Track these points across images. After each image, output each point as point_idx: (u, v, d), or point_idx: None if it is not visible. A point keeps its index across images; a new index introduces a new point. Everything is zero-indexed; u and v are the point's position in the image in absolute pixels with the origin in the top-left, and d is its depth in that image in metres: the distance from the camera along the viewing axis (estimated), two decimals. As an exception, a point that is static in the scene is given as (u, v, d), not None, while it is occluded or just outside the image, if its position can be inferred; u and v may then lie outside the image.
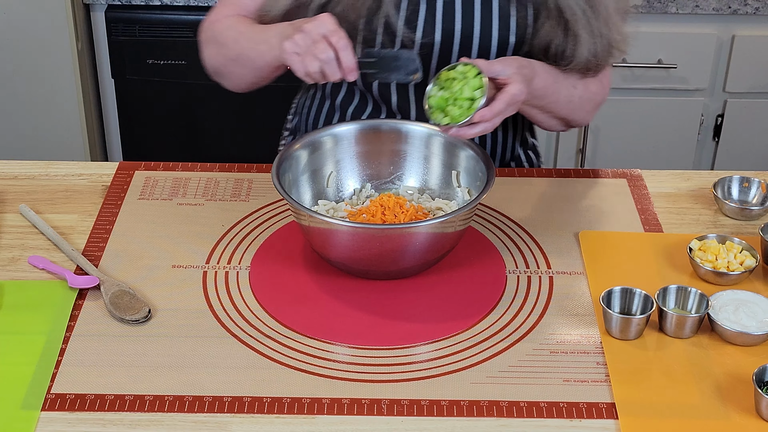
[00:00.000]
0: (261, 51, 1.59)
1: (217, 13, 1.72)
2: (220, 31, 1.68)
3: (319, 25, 1.46)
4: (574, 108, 1.69)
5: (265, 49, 1.58)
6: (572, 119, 1.72)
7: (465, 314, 1.42)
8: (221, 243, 1.56)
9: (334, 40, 1.45)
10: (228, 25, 1.67)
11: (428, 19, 1.64)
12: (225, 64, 1.68)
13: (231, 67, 1.68)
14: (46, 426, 1.24)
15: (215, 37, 1.69)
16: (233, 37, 1.65)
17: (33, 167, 1.74)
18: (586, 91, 1.69)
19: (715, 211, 1.65)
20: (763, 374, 1.27)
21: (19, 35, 2.63)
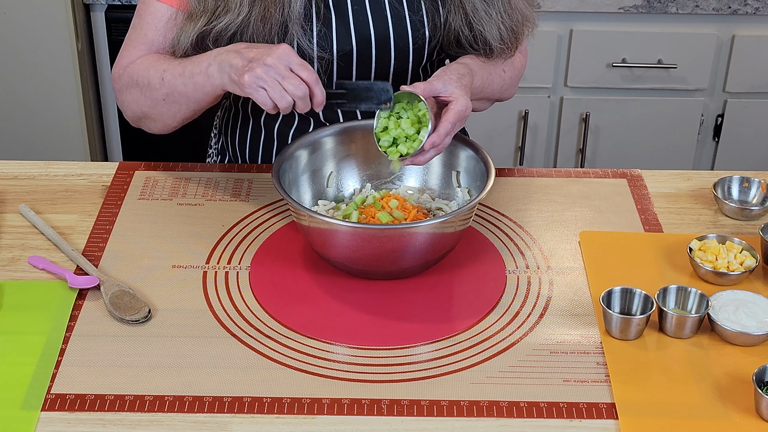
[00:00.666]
0: (198, 83, 1.53)
1: (127, 57, 1.65)
2: (139, 72, 1.60)
3: (284, 57, 1.43)
4: (506, 88, 1.74)
5: (201, 80, 1.52)
6: (502, 98, 1.77)
7: (465, 314, 1.42)
8: (221, 243, 1.56)
9: (304, 75, 1.43)
10: (146, 65, 1.60)
11: (341, 30, 1.63)
12: (153, 105, 1.60)
13: (161, 108, 1.60)
14: (46, 426, 1.24)
15: (135, 80, 1.61)
16: (158, 76, 1.57)
17: (33, 167, 1.74)
18: (514, 70, 1.73)
19: (715, 211, 1.65)
20: (763, 374, 1.27)
21: (19, 35, 2.63)
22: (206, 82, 1.51)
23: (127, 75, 1.63)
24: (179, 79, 1.55)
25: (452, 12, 1.64)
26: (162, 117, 1.62)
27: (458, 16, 1.64)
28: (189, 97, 1.56)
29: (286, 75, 1.43)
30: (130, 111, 1.66)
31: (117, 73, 1.66)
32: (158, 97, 1.59)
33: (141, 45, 1.64)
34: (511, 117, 2.72)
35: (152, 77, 1.58)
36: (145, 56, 1.63)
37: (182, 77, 1.54)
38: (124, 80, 1.63)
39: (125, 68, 1.64)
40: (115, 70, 1.66)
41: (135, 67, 1.62)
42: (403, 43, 1.65)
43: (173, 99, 1.57)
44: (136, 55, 1.64)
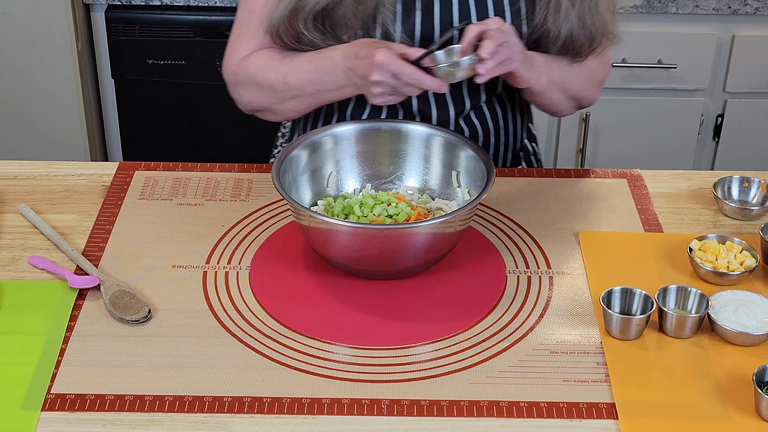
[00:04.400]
0: (330, 90, 1.61)
1: (238, 51, 1.69)
2: (257, 72, 1.66)
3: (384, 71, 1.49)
4: (582, 82, 1.73)
5: (334, 88, 1.60)
6: (582, 96, 1.75)
7: (465, 314, 1.42)
8: (221, 243, 1.56)
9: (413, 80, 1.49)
10: (263, 65, 1.66)
11: (444, 16, 1.64)
12: (277, 103, 1.68)
13: (286, 105, 1.67)
14: (46, 426, 1.24)
15: (253, 80, 1.67)
16: (280, 79, 1.64)
17: (33, 167, 1.74)
18: (585, 67, 1.72)
19: (715, 211, 1.65)
20: (763, 374, 1.27)
21: (19, 35, 2.63)
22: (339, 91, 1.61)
23: (243, 72, 1.68)
24: (308, 86, 1.62)
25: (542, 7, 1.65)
26: (286, 113, 1.71)
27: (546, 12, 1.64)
28: (318, 97, 1.64)
29: (397, 84, 1.50)
30: (247, 105, 1.73)
31: (231, 68, 1.70)
32: (284, 98, 1.66)
33: (251, 39, 1.68)
34: (511, 117, 2.72)
35: (273, 80, 1.65)
36: (257, 53, 1.68)
37: (311, 84, 1.62)
38: (240, 77, 1.69)
39: (239, 64, 1.69)
40: (228, 64, 1.71)
41: (250, 65, 1.67)
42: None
43: (301, 99, 1.65)
44: (248, 50, 1.68)
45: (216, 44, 2.62)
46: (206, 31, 2.62)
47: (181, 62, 2.66)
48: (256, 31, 1.68)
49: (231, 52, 1.71)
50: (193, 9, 2.62)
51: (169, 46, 2.64)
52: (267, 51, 1.68)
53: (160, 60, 2.66)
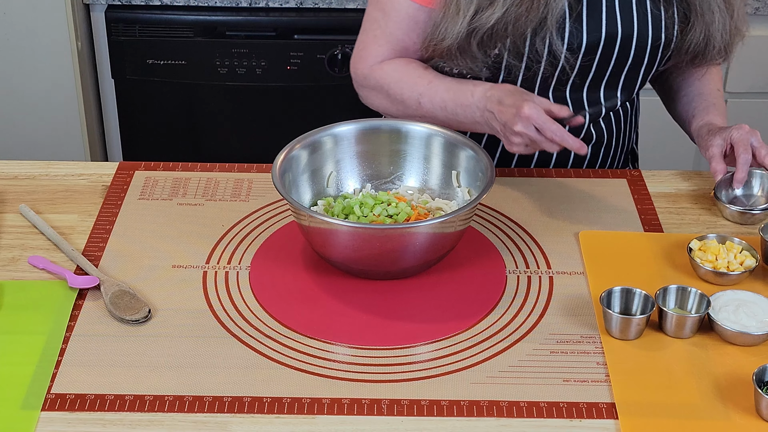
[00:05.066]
0: (464, 125, 1.62)
1: (372, 55, 1.69)
2: (390, 84, 1.66)
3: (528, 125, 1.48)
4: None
5: (468, 124, 1.61)
6: None
7: (465, 314, 1.42)
8: (221, 243, 1.56)
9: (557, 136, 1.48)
10: (397, 77, 1.66)
11: (591, 23, 1.63)
12: (404, 116, 1.67)
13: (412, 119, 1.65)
14: (46, 426, 1.24)
15: (385, 90, 1.67)
16: (413, 97, 1.64)
17: (33, 167, 1.74)
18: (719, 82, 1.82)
19: (715, 212, 1.65)
20: (763, 374, 1.27)
21: (19, 35, 2.63)
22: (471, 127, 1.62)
23: (375, 79, 1.68)
24: (440, 112, 1.63)
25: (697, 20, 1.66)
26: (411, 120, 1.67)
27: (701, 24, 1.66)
28: (447, 123, 1.63)
29: (538, 139, 1.49)
30: (373, 107, 1.73)
31: (362, 71, 1.70)
32: (412, 114, 1.67)
33: (386, 44, 1.67)
34: (511, 117, 2.72)
35: (407, 96, 1.65)
36: (393, 62, 1.67)
37: (444, 111, 1.63)
38: (371, 82, 1.69)
39: (372, 69, 1.69)
40: (359, 66, 1.70)
41: (383, 74, 1.67)
42: (643, 42, 1.66)
43: (429, 120, 1.64)
44: (382, 54, 1.68)
45: (216, 44, 2.62)
46: (206, 31, 2.62)
47: (181, 62, 2.66)
48: (390, 36, 1.66)
49: (363, 53, 1.69)
50: (193, 9, 2.62)
51: (169, 46, 2.64)
52: (403, 63, 1.67)
53: (160, 60, 2.66)
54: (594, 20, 1.63)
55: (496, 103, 1.55)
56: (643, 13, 1.65)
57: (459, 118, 1.62)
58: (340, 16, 2.64)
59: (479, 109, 1.58)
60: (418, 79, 1.65)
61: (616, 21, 1.64)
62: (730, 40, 1.70)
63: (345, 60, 2.64)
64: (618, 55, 1.66)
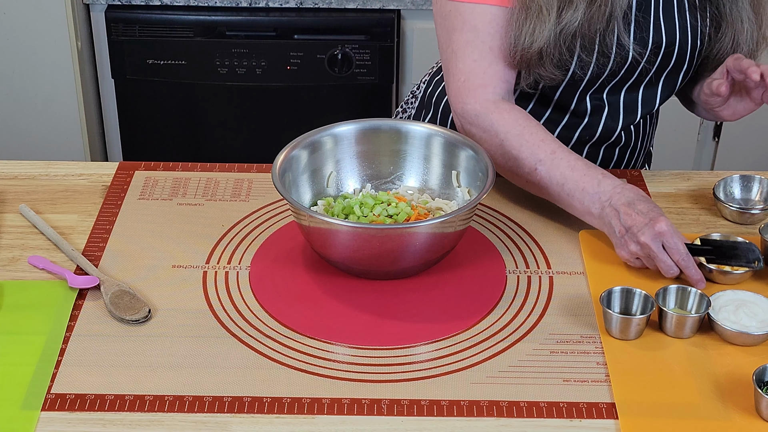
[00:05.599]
0: (574, 207, 1.53)
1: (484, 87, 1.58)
2: (507, 135, 1.55)
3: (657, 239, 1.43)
4: None
5: (579, 209, 1.52)
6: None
7: (465, 314, 1.42)
8: (221, 243, 1.56)
9: (676, 257, 1.43)
10: (517, 133, 1.54)
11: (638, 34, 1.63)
12: (507, 173, 1.59)
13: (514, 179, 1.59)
14: (46, 426, 1.24)
15: (500, 139, 1.55)
16: (531, 164, 1.53)
17: (33, 167, 1.74)
18: None
19: (715, 212, 1.65)
20: (763, 374, 1.27)
21: (19, 35, 2.63)
22: (583, 215, 1.52)
23: (489, 122, 1.57)
24: (555, 188, 1.53)
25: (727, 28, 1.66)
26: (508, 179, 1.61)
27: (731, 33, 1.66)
28: (556, 202, 1.56)
29: (660, 257, 1.44)
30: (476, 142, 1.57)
31: (473, 107, 1.58)
32: (521, 176, 1.57)
33: (490, 63, 1.58)
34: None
35: (524, 157, 1.54)
36: (513, 111, 1.56)
37: (559, 188, 1.52)
38: (483, 124, 1.57)
39: (485, 107, 1.57)
40: (469, 99, 1.58)
41: (502, 120, 1.56)
42: (683, 51, 1.66)
43: (535, 188, 1.56)
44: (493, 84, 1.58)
45: (216, 44, 2.62)
46: (206, 31, 2.62)
47: (181, 62, 2.66)
48: (491, 51, 1.57)
49: (469, 83, 1.58)
50: (193, 9, 2.63)
51: (169, 46, 2.65)
52: (524, 116, 1.56)
53: (160, 60, 2.66)
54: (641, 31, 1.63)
55: (625, 204, 1.47)
56: (683, 22, 1.65)
57: (573, 201, 1.52)
58: (340, 16, 2.64)
59: (601, 202, 1.49)
60: (542, 143, 1.54)
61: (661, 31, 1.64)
62: (755, 48, 1.69)
63: (345, 60, 2.64)
64: (660, 63, 1.67)
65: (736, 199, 1.65)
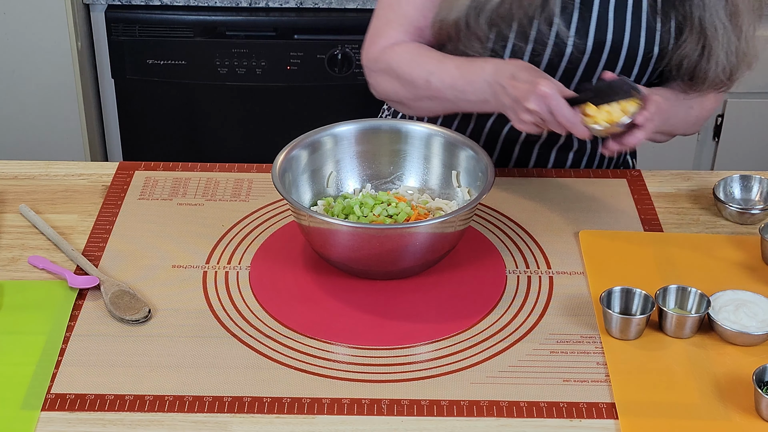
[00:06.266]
0: (470, 101, 1.57)
1: (384, 37, 1.65)
2: (400, 65, 1.62)
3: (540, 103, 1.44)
4: (688, 126, 1.71)
5: (477, 101, 1.56)
6: (684, 134, 1.74)
7: (465, 314, 1.42)
8: (221, 243, 1.56)
9: (563, 121, 1.44)
10: (408, 58, 1.62)
11: (581, 26, 1.62)
12: (414, 99, 1.64)
13: (421, 103, 1.64)
14: (46, 426, 1.24)
15: (395, 71, 1.63)
16: (423, 77, 1.59)
17: (33, 167, 1.74)
18: (702, 110, 1.70)
19: (715, 212, 1.65)
20: (763, 374, 1.27)
21: (19, 35, 2.63)
22: (483, 105, 1.56)
23: (385, 62, 1.64)
24: (449, 91, 1.58)
25: (692, 34, 1.62)
26: (419, 110, 1.67)
27: (696, 38, 1.61)
28: (456, 104, 1.60)
29: (549, 120, 1.46)
30: (383, 93, 1.69)
31: (373, 54, 1.66)
32: (421, 95, 1.62)
33: (399, 26, 1.64)
34: (511, 117, 2.72)
35: (416, 76, 1.60)
36: (404, 44, 1.64)
37: (453, 90, 1.57)
38: (381, 65, 1.65)
39: (382, 52, 1.65)
40: (370, 49, 1.67)
41: (394, 55, 1.63)
42: (633, 54, 1.64)
43: (438, 102, 1.61)
44: (394, 37, 1.65)
45: (216, 44, 2.62)
46: (206, 31, 2.62)
47: (181, 62, 2.66)
48: (404, 18, 1.64)
49: (375, 37, 1.66)
50: (193, 9, 2.62)
51: (169, 46, 2.64)
52: (414, 45, 1.63)
53: (160, 60, 2.66)
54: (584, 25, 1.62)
55: (508, 78, 1.50)
56: (636, 23, 1.63)
57: (468, 96, 1.57)
58: (340, 16, 2.64)
59: (489, 84, 1.53)
60: (429, 59, 1.61)
61: (607, 28, 1.62)
62: (736, 63, 1.63)
63: (345, 60, 2.64)
64: (606, 63, 1.64)
65: (736, 199, 1.65)
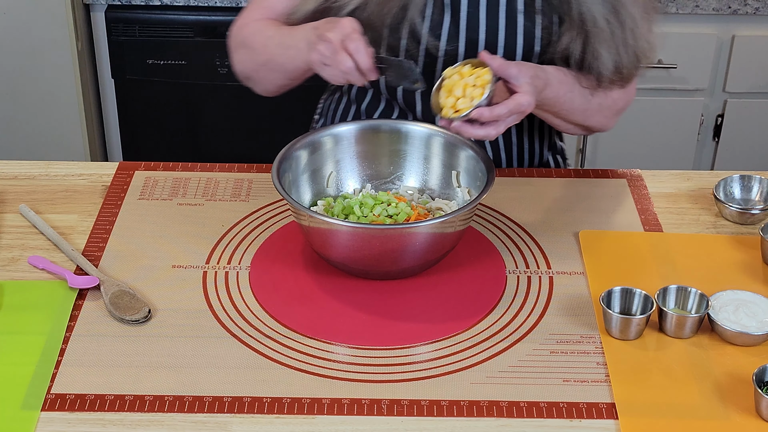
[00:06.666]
0: (290, 56, 1.59)
1: (245, 17, 1.70)
2: (249, 35, 1.67)
3: (339, 32, 1.47)
4: (590, 115, 1.67)
5: (293, 53, 1.58)
6: (589, 125, 1.70)
7: (465, 314, 1.42)
8: (221, 243, 1.56)
9: (351, 47, 1.45)
10: (256, 29, 1.66)
11: (452, 28, 1.63)
12: (256, 69, 1.68)
13: (262, 72, 1.67)
14: (46, 426, 1.24)
15: (244, 41, 1.68)
16: (262, 42, 1.64)
17: (33, 167, 1.74)
18: (606, 99, 1.66)
19: (715, 212, 1.65)
20: (763, 374, 1.27)
21: (19, 35, 2.63)
22: (297, 56, 1.58)
23: (240, 35, 1.69)
24: (278, 49, 1.61)
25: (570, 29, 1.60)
26: (262, 81, 1.70)
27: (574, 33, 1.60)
28: (283, 65, 1.62)
29: (338, 50, 1.46)
30: (239, 69, 1.72)
31: (233, 31, 1.72)
32: (260, 62, 1.66)
33: (260, 8, 1.69)
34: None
35: (257, 42, 1.66)
36: (259, 20, 1.68)
37: (280, 47, 1.61)
38: (237, 40, 1.70)
39: (240, 28, 1.70)
40: (233, 27, 1.72)
41: (248, 28, 1.68)
42: (511, 53, 1.64)
43: (271, 66, 1.64)
44: (253, 17, 1.69)
45: (216, 44, 2.62)
46: (206, 31, 2.62)
47: (181, 62, 2.66)
48: (268, 4, 1.68)
49: (239, 18, 1.71)
50: (193, 9, 2.62)
51: (169, 46, 2.64)
52: (267, 20, 1.68)
53: (160, 60, 2.66)
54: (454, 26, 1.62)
55: (324, 21, 1.53)
56: (511, 23, 1.63)
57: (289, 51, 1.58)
58: (340, 16, 2.63)
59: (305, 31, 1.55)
60: (274, 28, 1.65)
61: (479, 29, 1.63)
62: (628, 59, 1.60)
63: (345, 60, 2.64)
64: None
65: (736, 199, 1.65)
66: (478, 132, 1.44)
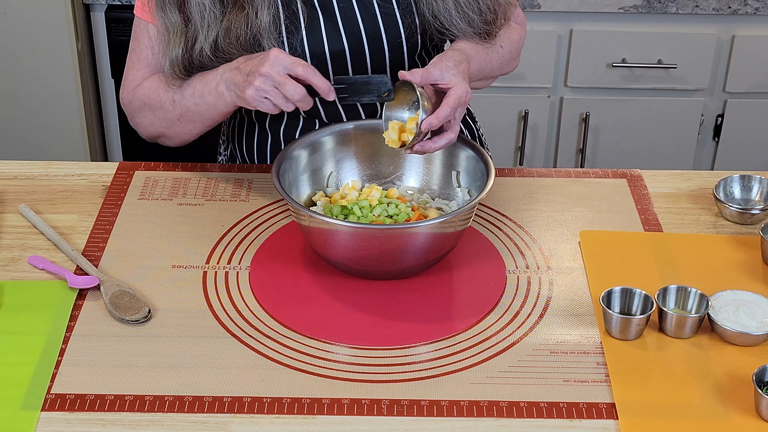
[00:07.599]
0: (209, 102, 1.58)
1: (131, 80, 1.68)
2: (149, 95, 1.65)
3: (276, 62, 1.46)
4: (506, 62, 1.73)
5: (212, 100, 1.57)
6: (503, 72, 1.76)
7: (465, 314, 1.42)
8: (221, 243, 1.56)
9: (300, 72, 1.46)
10: (155, 87, 1.64)
11: (330, 28, 1.63)
12: (169, 126, 1.66)
13: (177, 128, 1.65)
14: (46, 426, 1.24)
15: (146, 104, 1.65)
16: (169, 98, 1.62)
17: (33, 167, 1.74)
18: (512, 43, 1.73)
19: (715, 212, 1.65)
20: (763, 374, 1.27)
21: (19, 35, 2.63)
22: (218, 101, 1.57)
23: (138, 99, 1.67)
24: (191, 99, 1.59)
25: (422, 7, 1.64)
26: (179, 135, 1.68)
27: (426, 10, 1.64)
28: (203, 115, 1.61)
29: (282, 81, 1.46)
30: (145, 132, 1.71)
31: (127, 97, 1.70)
32: (173, 118, 1.64)
33: (142, 66, 1.68)
34: (511, 117, 2.72)
35: (163, 100, 1.63)
36: (150, 78, 1.67)
37: (193, 97, 1.59)
38: (136, 104, 1.68)
39: (133, 91, 1.68)
40: (124, 94, 1.70)
41: (143, 90, 1.66)
42: (395, 35, 1.65)
43: (188, 118, 1.62)
44: (141, 77, 1.68)
45: (216, 44, 2.62)
46: (206, 31, 2.62)
47: (181, 62, 2.66)
48: (145, 60, 1.67)
49: (125, 82, 1.69)
50: (193, 9, 2.62)
51: (169, 46, 2.64)
52: (158, 76, 1.66)
53: (160, 60, 2.66)
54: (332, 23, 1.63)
55: (240, 61, 1.52)
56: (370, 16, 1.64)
57: (206, 98, 1.57)
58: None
59: (221, 74, 1.55)
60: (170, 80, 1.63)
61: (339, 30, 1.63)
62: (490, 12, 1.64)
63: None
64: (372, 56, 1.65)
65: (736, 199, 1.65)
66: (440, 142, 1.47)
